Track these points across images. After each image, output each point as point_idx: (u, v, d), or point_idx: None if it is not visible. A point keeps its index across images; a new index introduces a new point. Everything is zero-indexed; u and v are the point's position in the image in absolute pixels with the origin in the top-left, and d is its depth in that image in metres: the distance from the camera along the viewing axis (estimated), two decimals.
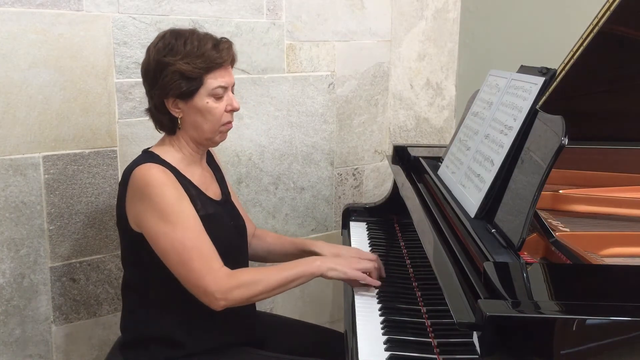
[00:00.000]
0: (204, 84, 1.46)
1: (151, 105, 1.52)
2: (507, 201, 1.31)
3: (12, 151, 1.80)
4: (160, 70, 1.45)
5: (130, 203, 1.45)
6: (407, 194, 1.75)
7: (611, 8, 1.31)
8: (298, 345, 1.68)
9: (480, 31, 2.69)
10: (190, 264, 1.39)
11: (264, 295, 1.43)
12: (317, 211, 2.52)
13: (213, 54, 1.46)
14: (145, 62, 1.50)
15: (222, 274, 1.40)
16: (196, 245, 1.40)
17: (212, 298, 1.38)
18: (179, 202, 1.42)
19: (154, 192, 1.40)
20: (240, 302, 1.42)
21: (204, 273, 1.38)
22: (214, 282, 1.38)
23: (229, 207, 1.63)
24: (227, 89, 1.50)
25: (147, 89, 1.52)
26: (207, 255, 1.41)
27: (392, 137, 2.69)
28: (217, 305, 1.39)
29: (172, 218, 1.39)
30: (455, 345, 1.26)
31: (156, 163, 1.45)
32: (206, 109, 1.47)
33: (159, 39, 1.48)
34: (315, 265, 1.46)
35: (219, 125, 1.50)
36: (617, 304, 0.97)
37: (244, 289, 1.40)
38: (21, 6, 1.75)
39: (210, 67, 1.45)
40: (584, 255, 1.23)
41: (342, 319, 1.54)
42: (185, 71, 1.43)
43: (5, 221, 1.81)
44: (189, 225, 1.41)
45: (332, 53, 2.42)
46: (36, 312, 1.90)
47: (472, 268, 1.15)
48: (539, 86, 1.40)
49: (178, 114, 1.48)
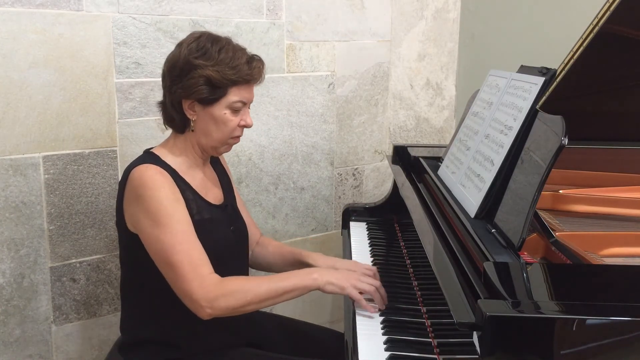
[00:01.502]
0: (226, 95, 1.45)
1: (167, 101, 1.49)
2: (507, 201, 1.31)
3: (12, 151, 1.80)
4: (188, 71, 1.43)
5: (127, 203, 1.45)
6: (407, 194, 1.75)
7: (611, 8, 1.31)
8: (298, 345, 1.68)
9: (480, 31, 2.69)
10: (178, 268, 1.35)
11: (253, 305, 1.37)
12: (317, 211, 2.52)
13: (245, 69, 1.45)
14: (174, 57, 1.47)
15: (210, 281, 1.35)
16: (185, 250, 1.36)
17: (197, 306, 1.34)
18: (172, 205, 1.39)
19: (148, 193, 1.38)
20: (227, 312, 1.36)
21: (190, 278, 1.34)
22: (200, 289, 1.34)
23: (229, 211, 1.61)
24: (245, 105, 1.50)
25: (167, 83, 1.48)
26: (196, 261, 1.36)
27: (392, 137, 2.69)
28: (204, 314, 1.34)
29: (163, 220, 1.37)
30: (455, 345, 1.26)
31: (155, 164, 1.44)
32: (222, 119, 1.46)
33: (194, 39, 1.46)
34: (312, 278, 1.40)
35: (228, 137, 1.50)
36: (617, 304, 0.97)
37: (230, 297, 1.34)
38: (21, 6, 1.75)
39: (238, 81, 1.44)
40: (584, 255, 1.23)
41: (342, 319, 1.53)
42: (213, 78, 1.42)
43: (5, 221, 1.81)
44: (180, 229, 1.38)
45: (332, 53, 2.42)
46: (36, 312, 1.90)
47: (472, 268, 1.15)
48: (539, 86, 1.40)
49: (192, 116, 1.47)
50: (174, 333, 1.49)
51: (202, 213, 1.48)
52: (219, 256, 1.45)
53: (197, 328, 1.48)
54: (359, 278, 1.43)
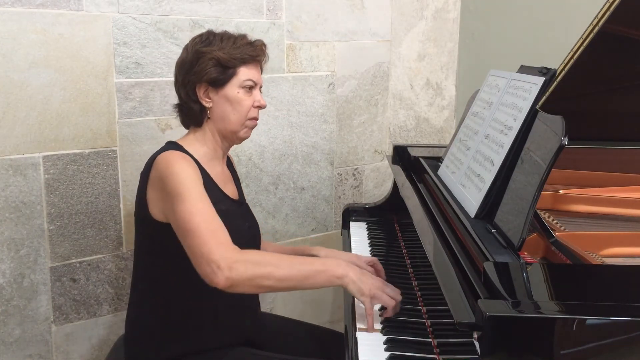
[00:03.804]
0: (237, 74, 1.51)
1: (182, 95, 1.54)
2: (507, 201, 1.31)
3: (12, 151, 1.80)
4: (197, 59, 1.50)
5: (151, 189, 1.46)
6: (407, 194, 1.75)
7: (611, 8, 1.31)
8: (298, 345, 1.68)
9: (480, 31, 2.69)
10: (197, 230, 1.32)
11: (272, 281, 1.29)
12: (317, 211, 2.52)
13: (249, 48, 1.53)
14: (182, 57, 1.55)
15: (230, 245, 1.32)
16: (205, 215, 1.34)
17: (214, 267, 1.26)
18: (195, 183, 1.40)
19: (173, 171, 1.40)
20: (245, 280, 1.28)
21: (209, 238, 1.30)
22: (217, 249, 1.28)
23: (244, 209, 1.65)
24: (256, 86, 1.55)
25: (180, 81, 1.54)
26: (216, 225, 1.34)
27: (392, 137, 2.69)
28: (220, 279, 1.26)
29: (184, 193, 1.36)
30: (455, 345, 1.27)
31: (180, 151, 1.48)
32: (236, 99, 1.52)
33: (197, 36, 1.56)
34: (343, 270, 1.33)
35: (245, 118, 1.54)
36: (617, 304, 0.97)
37: (250, 265, 1.29)
38: (21, 6, 1.75)
39: (245, 59, 1.51)
40: (584, 255, 1.22)
41: (342, 319, 1.53)
42: (222, 59, 1.49)
43: (5, 221, 1.81)
44: (200, 199, 1.37)
45: (332, 53, 2.42)
46: (36, 312, 1.90)
47: (472, 268, 1.15)
48: (539, 86, 1.40)
49: (208, 103, 1.52)
50: (178, 330, 1.50)
51: (220, 204, 1.47)
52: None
53: (201, 326, 1.49)
54: (383, 288, 1.36)
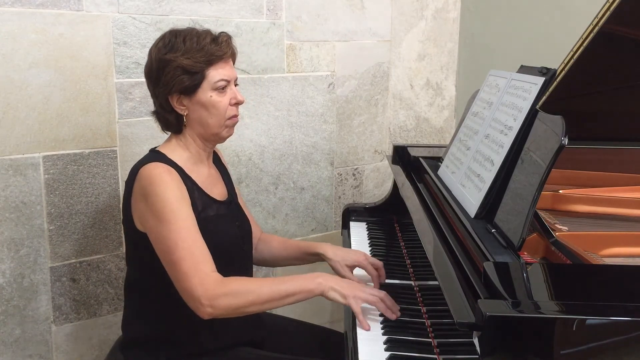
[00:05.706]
0: (206, 77, 1.47)
1: (157, 106, 1.53)
2: (507, 201, 1.31)
3: (12, 151, 1.79)
4: (163, 68, 1.46)
5: (135, 202, 1.46)
6: (407, 194, 1.75)
7: (611, 8, 1.31)
8: (298, 345, 1.68)
9: (480, 31, 2.69)
10: (179, 264, 1.35)
11: (255, 307, 1.36)
12: (317, 211, 2.52)
13: (212, 47, 1.47)
14: (147, 64, 1.51)
15: (212, 279, 1.35)
16: (187, 247, 1.36)
17: (198, 304, 1.33)
18: (178, 203, 1.40)
19: (156, 190, 1.40)
20: (228, 312, 1.35)
21: (191, 275, 1.34)
22: (200, 286, 1.33)
23: (234, 207, 1.62)
24: (229, 83, 1.51)
25: (151, 90, 1.52)
26: (198, 258, 1.36)
27: (392, 137, 2.69)
28: (204, 313, 1.34)
29: (167, 217, 1.38)
30: (455, 345, 1.27)
31: (163, 162, 1.45)
32: (210, 103, 1.48)
33: (159, 40, 1.50)
34: (316, 282, 1.38)
35: (224, 119, 1.50)
36: (617, 304, 0.97)
37: (232, 297, 1.34)
38: (21, 6, 1.75)
39: (210, 60, 1.46)
40: (584, 255, 1.23)
41: (342, 319, 1.53)
42: (187, 66, 1.44)
43: (5, 221, 1.81)
44: (184, 227, 1.38)
45: (332, 53, 2.42)
46: (36, 312, 1.90)
47: (472, 268, 1.15)
48: (539, 86, 1.40)
49: (183, 111, 1.49)
50: (175, 332, 1.50)
51: (207, 210, 1.50)
52: (224, 252, 1.46)
53: (199, 327, 1.48)
54: (363, 289, 1.40)
